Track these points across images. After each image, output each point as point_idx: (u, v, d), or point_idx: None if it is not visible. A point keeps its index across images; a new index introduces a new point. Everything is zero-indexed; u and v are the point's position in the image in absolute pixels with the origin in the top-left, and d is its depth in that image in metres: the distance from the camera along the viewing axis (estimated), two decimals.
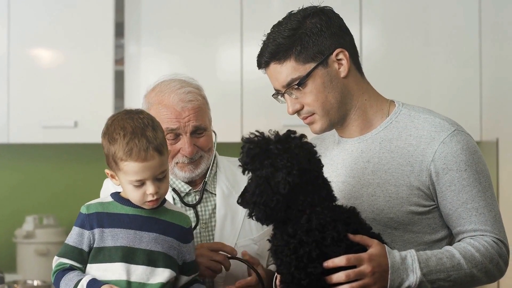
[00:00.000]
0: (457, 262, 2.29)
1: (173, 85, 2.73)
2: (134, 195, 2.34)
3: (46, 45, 4.80)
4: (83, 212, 2.37)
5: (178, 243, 2.41)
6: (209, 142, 2.76)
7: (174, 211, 2.45)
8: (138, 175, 2.31)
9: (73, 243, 2.35)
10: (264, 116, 4.68)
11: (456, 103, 4.63)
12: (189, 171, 2.73)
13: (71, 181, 5.15)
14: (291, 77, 2.41)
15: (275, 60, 2.42)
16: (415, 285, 2.22)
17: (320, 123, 2.46)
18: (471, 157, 2.37)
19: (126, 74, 4.81)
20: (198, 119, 2.70)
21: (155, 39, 4.83)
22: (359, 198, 2.44)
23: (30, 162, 5.24)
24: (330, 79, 2.42)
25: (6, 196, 5.21)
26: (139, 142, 2.30)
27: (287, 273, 2.15)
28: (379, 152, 2.45)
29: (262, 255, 2.75)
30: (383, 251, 2.21)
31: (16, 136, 4.77)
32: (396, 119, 2.47)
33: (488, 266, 2.33)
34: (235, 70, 4.74)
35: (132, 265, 2.32)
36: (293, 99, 2.44)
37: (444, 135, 2.37)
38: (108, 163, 2.37)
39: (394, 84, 4.61)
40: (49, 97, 4.74)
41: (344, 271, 2.15)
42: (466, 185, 2.35)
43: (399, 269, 2.21)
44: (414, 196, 2.38)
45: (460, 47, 4.69)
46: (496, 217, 2.37)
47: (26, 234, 4.88)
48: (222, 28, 4.79)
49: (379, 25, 4.78)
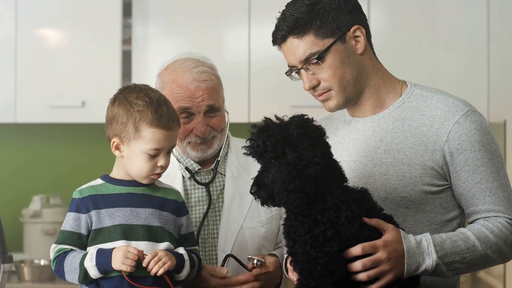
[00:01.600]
0: (471, 244, 2.29)
1: (187, 64, 2.72)
2: (144, 166, 2.36)
3: (53, 26, 4.80)
4: (76, 197, 2.38)
5: (173, 217, 2.43)
6: (222, 122, 2.77)
7: (165, 188, 2.48)
8: (159, 143, 2.34)
9: (70, 228, 2.36)
10: (271, 97, 4.67)
11: (464, 84, 4.61)
12: (201, 151, 2.73)
13: (78, 161, 5.16)
14: (310, 51, 2.39)
15: (294, 35, 2.40)
16: (431, 268, 2.23)
17: (336, 100, 2.45)
18: (485, 137, 2.37)
19: (133, 54, 4.81)
20: (212, 98, 2.69)
21: (162, 19, 4.82)
22: (371, 177, 2.43)
23: (37, 142, 5.25)
24: (347, 55, 2.42)
25: (13, 176, 5.23)
26: (167, 111, 2.36)
27: (302, 252, 2.14)
28: (391, 131, 2.44)
29: (269, 237, 2.77)
30: (398, 236, 2.21)
31: (24, 116, 4.78)
32: (409, 99, 2.47)
33: (502, 247, 2.33)
34: (242, 51, 4.73)
35: (133, 241, 2.34)
36: (309, 74, 2.42)
37: (458, 115, 2.37)
38: (118, 132, 2.36)
39: (402, 65, 4.58)
40: (56, 77, 4.75)
41: (360, 260, 2.15)
42: (480, 165, 2.35)
43: (415, 253, 2.21)
44: (428, 175, 2.38)
45: (468, 29, 4.68)
46: (509, 197, 2.38)
47: (33, 213, 4.90)
48: (229, 9, 4.78)
49: (387, 6, 4.76)
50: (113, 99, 2.41)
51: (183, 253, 2.40)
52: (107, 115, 2.41)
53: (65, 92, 4.74)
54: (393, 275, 2.18)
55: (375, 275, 2.17)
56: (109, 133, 2.40)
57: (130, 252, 2.27)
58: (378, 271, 2.17)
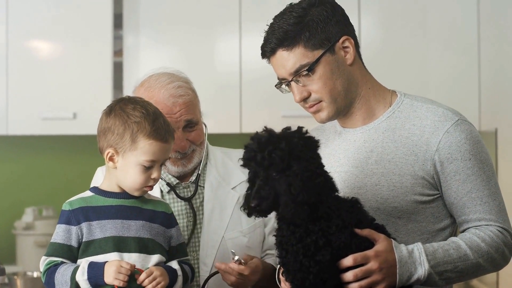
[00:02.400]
0: (463, 253, 2.30)
1: (163, 80, 2.69)
2: (138, 178, 2.35)
3: (44, 37, 4.80)
4: (67, 209, 2.37)
5: (163, 229, 2.43)
6: (201, 135, 2.75)
7: (154, 200, 2.48)
8: (155, 155, 2.34)
9: (61, 240, 2.35)
10: (262, 107, 4.68)
11: (455, 93, 4.63)
12: (181, 166, 2.72)
13: (70, 172, 5.15)
14: (300, 63, 2.39)
15: (283, 47, 2.40)
16: (423, 278, 2.23)
17: (327, 111, 2.45)
18: (475, 146, 2.37)
19: (124, 65, 4.81)
20: (190, 113, 2.68)
21: (153, 30, 4.83)
22: (362, 187, 2.44)
23: (29, 153, 5.25)
24: (337, 66, 2.42)
25: (5, 188, 5.22)
26: (164, 124, 2.37)
27: (294, 262, 2.14)
28: (382, 141, 2.45)
29: (253, 247, 2.75)
30: (389, 246, 2.21)
31: (15, 128, 4.77)
32: (399, 109, 2.47)
33: (494, 256, 2.34)
34: (233, 61, 4.74)
35: (125, 253, 2.33)
36: (300, 86, 2.42)
37: (448, 124, 2.38)
38: (113, 143, 2.35)
39: (393, 74, 4.60)
40: (47, 88, 4.75)
41: (352, 271, 2.16)
42: (470, 174, 2.36)
43: (406, 263, 2.21)
44: (419, 185, 2.38)
45: (459, 36, 4.69)
46: (500, 206, 2.38)
47: (26, 225, 4.89)
48: (220, 19, 4.79)
49: (377, 15, 4.78)
50: (108, 110, 2.40)
51: (177, 268, 2.40)
52: (101, 126, 2.39)
53: (57, 104, 4.74)
54: (385, 285, 2.18)
55: (367, 285, 2.17)
56: (102, 144, 2.39)
57: (123, 267, 2.27)
58: (370, 281, 2.17)
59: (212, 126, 4.66)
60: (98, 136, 2.41)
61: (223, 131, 4.73)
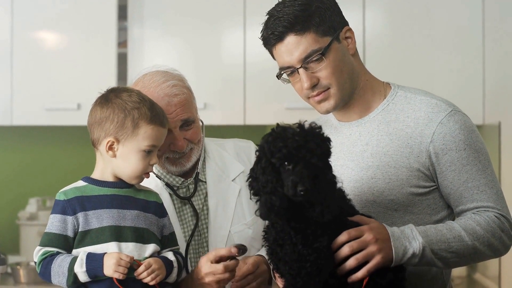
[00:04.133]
0: (457, 233, 2.31)
1: (157, 79, 2.63)
2: (139, 164, 2.36)
3: (48, 28, 4.80)
4: (61, 199, 2.35)
5: (156, 218, 2.43)
6: (198, 133, 2.70)
7: (145, 190, 2.47)
8: (156, 140, 2.37)
9: (56, 230, 2.32)
10: (267, 99, 4.68)
11: (459, 86, 4.62)
12: (180, 165, 2.68)
13: (74, 163, 5.16)
14: (312, 49, 2.39)
15: (294, 32, 2.39)
16: (419, 251, 2.24)
17: (334, 99, 2.45)
18: (469, 136, 2.38)
19: (129, 56, 4.81)
20: (186, 112, 2.62)
21: (158, 21, 4.82)
22: (358, 181, 2.45)
23: (34, 144, 5.26)
24: (343, 54, 2.44)
25: (9, 178, 5.23)
26: (161, 110, 2.41)
27: (291, 252, 2.16)
28: (377, 134, 2.46)
29: (257, 238, 2.72)
30: (381, 225, 2.25)
31: (20, 119, 4.78)
32: (393, 101, 2.48)
33: (490, 240, 2.34)
34: (238, 54, 4.73)
35: (122, 243, 2.33)
36: (309, 73, 2.42)
37: (442, 115, 2.39)
38: (113, 131, 2.35)
39: (397, 68, 4.60)
40: (52, 79, 4.75)
41: (347, 244, 2.18)
42: (466, 164, 2.36)
43: (400, 238, 2.24)
44: (414, 177, 2.39)
45: (463, 31, 4.68)
46: (498, 193, 2.38)
47: (29, 216, 4.90)
48: (225, 11, 4.78)
49: (382, 8, 4.77)
50: (102, 100, 2.39)
51: (173, 260, 2.40)
52: (96, 116, 2.39)
53: (61, 95, 4.74)
54: (381, 257, 2.20)
55: (364, 257, 2.18)
56: (99, 134, 2.38)
57: (122, 259, 2.27)
58: (365, 253, 2.19)
59: (217, 118, 4.70)
60: (91, 128, 2.40)
61: (227, 123, 4.74)
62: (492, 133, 4.41)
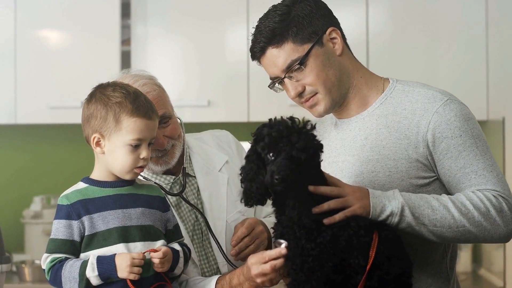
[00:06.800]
0: (444, 203, 2.30)
1: (126, 82, 2.59)
2: (127, 159, 2.33)
3: (52, 26, 4.81)
4: (65, 203, 2.32)
5: (160, 213, 2.41)
6: (177, 129, 2.70)
7: (147, 185, 2.46)
8: (141, 133, 2.31)
9: (63, 236, 2.29)
10: (270, 96, 4.65)
11: (463, 82, 4.62)
12: (165, 163, 2.67)
13: (79, 161, 5.12)
14: (291, 59, 2.42)
15: (272, 45, 2.43)
16: (398, 210, 2.26)
17: (324, 103, 2.47)
18: (465, 123, 2.37)
19: (132, 54, 4.82)
20: (160, 108, 2.60)
21: (161, 19, 4.83)
22: (359, 175, 2.46)
23: (38, 142, 5.27)
24: (327, 57, 2.45)
25: (14, 177, 5.24)
26: (145, 101, 2.36)
27: (295, 247, 2.18)
28: (376, 128, 2.47)
29: None
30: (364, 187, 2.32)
31: (24, 117, 4.80)
32: (391, 95, 2.49)
33: (478, 218, 2.30)
34: (241, 51, 4.73)
35: (130, 243, 2.31)
36: (293, 82, 2.45)
37: (437, 105, 2.39)
38: (98, 127, 2.33)
39: (401, 64, 4.61)
40: (56, 77, 4.76)
41: (328, 202, 2.22)
42: (462, 150, 2.36)
43: (380, 196, 2.28)
44: (413, 168, 2.40)
45: (467, 27, 4.68)
46: (498, 176, 2.36)
47: (34, 214, 4.92)
48: (228, 9, 4.78)
49: (385, 5, 4.77)
50: (88, 97, 2.38)
51: (179, 250, 2.40)
52: (84, 114, 2.37)
53: (65, 93, 4.75)
54: (358, 206, 2.23)
55: (341, 204, 2.23)
56: (88, 132, 2.36)
57: (135, 259, 2.25)
58: (342, 201, 2.23)
59: (221, 115, 4.71)
60: (83, 126, 2.38)
61: (231, 120, 4.75)
62: (496, 129, 4.41)
